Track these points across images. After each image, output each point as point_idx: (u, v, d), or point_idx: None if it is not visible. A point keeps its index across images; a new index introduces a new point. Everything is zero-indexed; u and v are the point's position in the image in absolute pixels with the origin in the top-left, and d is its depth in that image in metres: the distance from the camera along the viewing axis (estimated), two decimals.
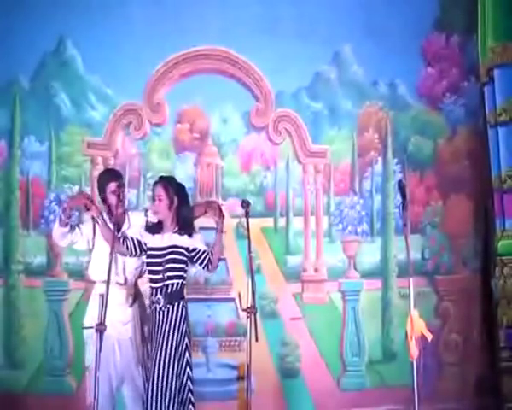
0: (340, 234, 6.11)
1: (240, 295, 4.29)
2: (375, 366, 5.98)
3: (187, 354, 4.26)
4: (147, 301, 4.47)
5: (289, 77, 6.01)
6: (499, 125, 5.91)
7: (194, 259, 4.35)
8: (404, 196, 4.41)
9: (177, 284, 4.28)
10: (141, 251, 4.33)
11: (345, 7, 6.13)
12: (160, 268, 4.26)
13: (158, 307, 4.23)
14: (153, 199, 4.37)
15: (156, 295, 4.25)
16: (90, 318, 4.32)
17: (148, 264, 4.34)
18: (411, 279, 4.22)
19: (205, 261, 4.34)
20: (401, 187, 4.45)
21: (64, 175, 5.94)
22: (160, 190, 4.32)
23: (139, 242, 4.32)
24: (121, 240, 4.30)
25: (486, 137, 6.06)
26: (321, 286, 6.04)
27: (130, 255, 4.36)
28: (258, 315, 4.37)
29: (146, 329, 4.40)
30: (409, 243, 4.31)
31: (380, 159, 6.21)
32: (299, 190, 6.10)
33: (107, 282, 4.12)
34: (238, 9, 5.98)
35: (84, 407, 4.44)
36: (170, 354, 4.17)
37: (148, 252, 4.33)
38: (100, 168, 5.93)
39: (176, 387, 4.17)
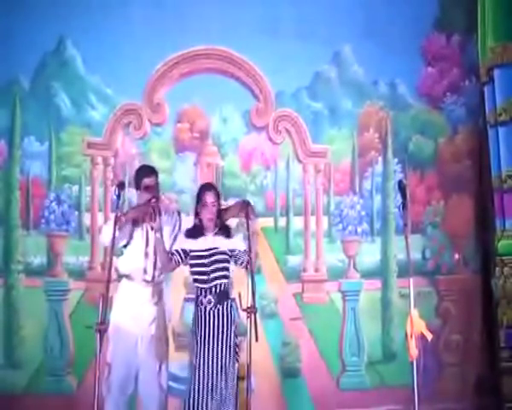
0: (340, 234, 6.11)
1: (240, 295, 4.33)
2: (375, 366, 5.98)
3: (236, 352, 4.38)
4: (169, 302, 4.60)
5: (289, 77, 6.01)
6: (499, 125, 5.91)
7: (235, 259, 4.46)
8: (404, 195, 4.41)
9: (224, 283, 4.41)
10: (186, 258, 4.44)
11: (345, 7, 6.13)
12: (205, 269, 4.36)
13: (208, 307, 4.34)
14: (202, 204, 4.46)
15: (205, 296, 4.36)
16: (116, 312, 4.39)
17: (194, 266, 4.44)
18: (411, 279, 4.22)
19: (244, 262, 4.44)
20: (401, 187, 4.45)
21: (64, 175, 5.94)
22: (212, 197, 4.48)
23: (184, 251, 4.43)
24: (170, 256, 4.40)
25: (487, 136, 6.06)
26: (321, 286, 6.04)
27: (179, 266, 4.47)
28: (258, 315, 4.37)
29: (193, 328, 4.44)
30: (409, 243, 4.31)
31: (380, 159, 6.21)
32: (300, 190, 6.09)
33: (107, 282, 4.14)
34: (238, 9, 5.98)
35: (84, 407, 4.44)
36: (221, 353, 4.29)
37: (193, 254, 4.43)
38: (100, 168, 5.95)
39: (222, 386, 4.27)
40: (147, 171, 4.64)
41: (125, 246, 4.52)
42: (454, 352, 6.09)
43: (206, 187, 4.60)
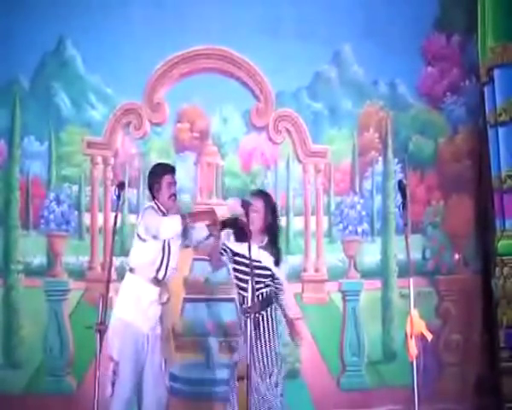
0: (340, 234, 6.11)
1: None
2: (376, 366, 5.97)
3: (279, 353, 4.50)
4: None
5: (289, 77, 6.00)
6: (499, 125, 5.91)
7: (275, 287, 4.54)
8: (404, 195, 4.41)
9: (266, 291, 4.50)
10: (232, 258, 4.52)
11: (345, 7, 6.13)
12: (248, 277, 4.32)
13: (251, 314, 4.31)
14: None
15: (248, 302, 4.34)
16: (124, 308, 4.40)
17: (236, 270, 4.50)
18: (411, 279, 4.22)
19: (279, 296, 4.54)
20: (401, 187, 4.45)
21: (64, 175, 5.93)
22: (257, 202, 4.51)
23: (232, 251, 4.51)
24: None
25: (487, 136, 6.06)
26: (321, 286, 6.04)
27: (226, 266, 4.60)
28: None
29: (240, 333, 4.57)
30: (409, 243, 4.31)
31: (380, 158, 6.21)
32: (300, 190, 6.09)
33: (107, 282, 4.14)
34: (238, 9, 5.98)
35: (84, 407, 4.44)
36: (266, 357, 4.42)
37: (237, 259, 4.49)
38: (100, 168, 5.94)
39: (267, 388, 4.42)
40: (168, 168, 4.68)
41: (143, 240, 4.48)
42: (454, 352, 6.09)
43: (253, 193, 4.72)
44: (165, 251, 4.51)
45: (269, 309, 4.50)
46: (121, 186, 4.53)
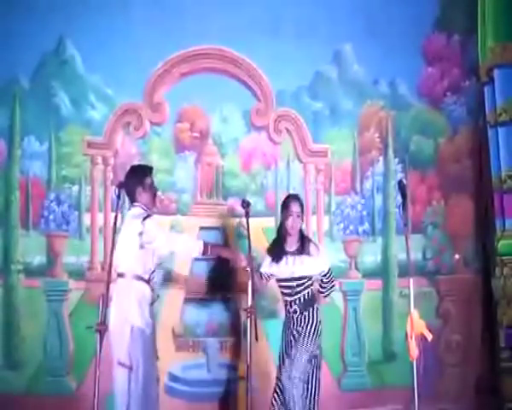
0: (341, 234, 6.11)
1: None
2: (376, 366, 5.97)
3: (318, 353, 4.82)
4: None
5: (290, 76, 6.00)
6: (499, 125, 5.92)
7: (319, 284, 4.94)
8: (404, 195, 4.42)
9: (308, 292, 4.82)
10: (270, 277, 4.96)
11: (345, 7, 6.13)
12: (291, 291, 4.78)
13: (295, 316, 4.77)
14: (287, 214, 4.81)
15: (291, 306, 4.79)
16: (136, 314, 4.46)
17: (280, 280, 4.86)
18: (411, 279, 4.22)
19: (327, 291, 4.99)
20: (401, 187, 4.46)
21: (64, 175, 5.92)
22: (298, 207, 4.82)
23: (268, 275, 4.93)
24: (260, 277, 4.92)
25: (487, 136, 6.06)
26: None
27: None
28: (258, 315, 4.36)
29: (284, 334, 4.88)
30: (409, 243, 4.31)
31: (381, 158, 6.21)
32: (300, 190, 6.08)
33: (107, 282, 4.14)
34: (238, 9, 5.98)
35: (84, 408, 4.44)
36: (307, 354, 4.67)
37: (278, 278, 4.88)
38: (100, 168, 5.93)
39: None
40: (147, 169, 4.83)
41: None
42: (454, 352, 6.09)
43: (292, 197, 4.95)
44: (154, 253, 4.63)
45: (311, 309, 4.78)
46: (121, 186, 4.54)
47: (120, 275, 4.58)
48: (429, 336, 4.24)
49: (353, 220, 6.12)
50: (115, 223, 4.30)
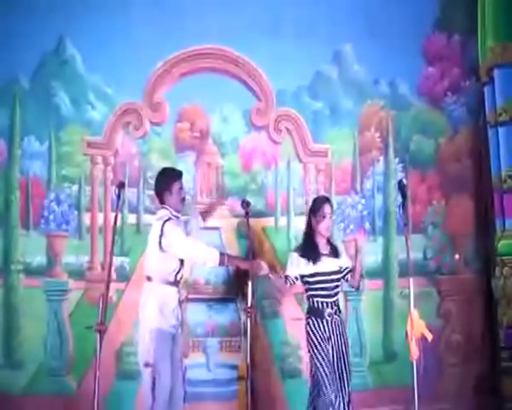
0: (341, 234, 6.10)
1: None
2: (377, 367, 5.97)
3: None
4: None
5: (290, 76, 6.00)
6: (499, 125, 5.92)
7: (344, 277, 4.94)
8: (404, 195, 4.42)
9: (338, 297, 4.88)
10: (298, 280, 4.90)
11: (345, 7, 6.13)
12: (329, 292, 4.78)
13: (330, 319, 4.77)
14: (320, 216, 4.82)
15: (331, 308, 4.78)
16: (152, 318, 4.49)
17: (315, 284, 4.81)
18: (411, 279, 4.22)
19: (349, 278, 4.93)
20: (401, 187, 4.46)
21: (64, 175, 5.92)
22: (329, 208, 4.85)
23: (296, 277, 4.87)
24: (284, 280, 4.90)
25: (487, 136, 6.06)
26: None
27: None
28: (258, 315, 4.36)
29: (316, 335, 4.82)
30: (409, 243, 4.31)
31: (381, 158, 6.21)
32: (300, 190, 6.08)
33: (107, 282, 4.14)
34: (238, 9, 5.98)
35: (84, 408, 4.43)
36: (343, 357, 4.78)
37: (313, 280, 4.82)
38: (100, 168, 5.93)
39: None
40: (177, 173, 4.89)
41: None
42: (454, 352, 6.09)
43: (323, 199, 4.95)
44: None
45: (340, 313, 4.86)
46: (121, 186, 4.56)
47: (148, 278, 4.64)
48: (429, 337, 4.24)
49: (354, 220, 6.12)
50: (115, 223, 4.30)
